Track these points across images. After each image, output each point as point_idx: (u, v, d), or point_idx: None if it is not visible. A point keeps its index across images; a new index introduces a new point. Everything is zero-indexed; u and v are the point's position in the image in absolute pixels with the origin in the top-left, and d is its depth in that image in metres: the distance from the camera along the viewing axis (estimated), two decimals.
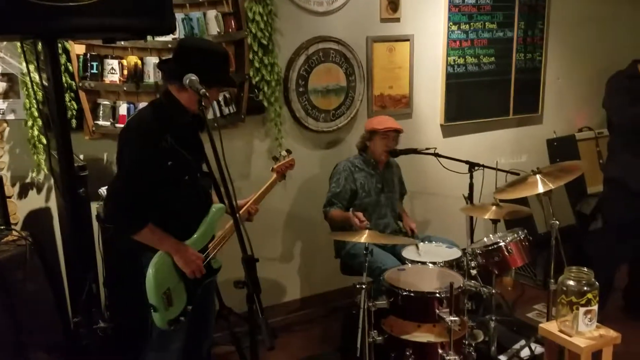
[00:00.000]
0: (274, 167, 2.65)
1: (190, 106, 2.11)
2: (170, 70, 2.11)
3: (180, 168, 2.12)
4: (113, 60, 2.78)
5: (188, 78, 1.89)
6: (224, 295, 3.10)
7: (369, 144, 3.20)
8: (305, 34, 3.40)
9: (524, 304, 3.65)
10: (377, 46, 3.68)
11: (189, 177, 2.17)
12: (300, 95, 3.43)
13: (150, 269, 2.08)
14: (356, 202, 3.16)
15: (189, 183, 2.17)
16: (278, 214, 3.58)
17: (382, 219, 3.20)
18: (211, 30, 3.03)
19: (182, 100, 2.10)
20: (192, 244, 2.21)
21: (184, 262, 2.15)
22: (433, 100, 3.99)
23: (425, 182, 3.98)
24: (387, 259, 2.93)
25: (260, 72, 3.17)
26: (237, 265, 2.30)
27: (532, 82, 4.36)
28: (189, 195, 2.20)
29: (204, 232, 2.26)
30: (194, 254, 2.18)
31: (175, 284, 2.15)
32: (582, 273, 2.21)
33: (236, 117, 3.18)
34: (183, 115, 2.13)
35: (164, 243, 2.12)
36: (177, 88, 2.08)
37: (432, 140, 3.94)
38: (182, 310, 2.17)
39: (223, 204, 2.29)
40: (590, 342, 2.18)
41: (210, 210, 2.30)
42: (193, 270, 2.17)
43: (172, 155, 2.06)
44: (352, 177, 3.16)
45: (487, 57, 4.09)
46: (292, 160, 2.72)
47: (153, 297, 2.08)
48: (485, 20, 4.02)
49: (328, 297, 3.77)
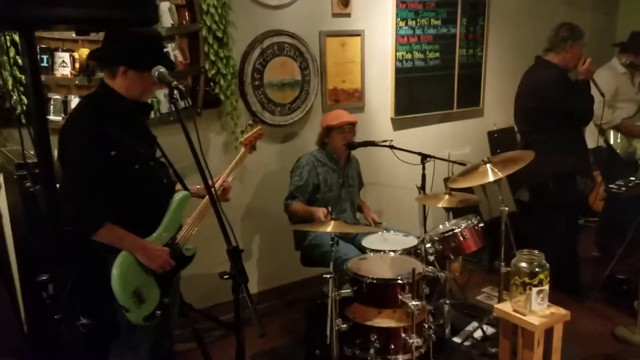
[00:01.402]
0: (242, 140, 2.61)
1: (129, 93, 2.06)
2: (101, 59, 2.07)
3: (126, 157, 2.04)
4: (64, 53, 2.66)
5: (157, 71, 1.86)
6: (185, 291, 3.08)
7: (327, 140, 3.25)
8: (260, 28, 3.39)
9: (473, 288, 3.84)
10: (330, 40, 3.73)
11: (139, 166, 2.09)
12: (256, 89, 3.43)
13: (115, 271, 2.02)
14: (318, 196, 3.20)
15: (141, 173, 2.10)
16: (235, 207, 3.56)
17: (343, 213, 3.26)
18: (165, 22, 2.96)
19: (117, 88, 2.04)
20: (157, 238, 2.16)
21: (149, 259, 2.10)
22: (384, 94, 4.10)
23: (379, 174, 4.09)
24: (348, 249, 3.00)
25: (216, 65, 3.14)
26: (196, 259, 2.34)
27: (474, 76, 4.57)
28: (144, 186, 2.13)
29: (168, 223, 2.20)
30: (157, 249, 2.13)
31: (143, 281, 2.10)
32: (533, 255, 2.36)
33: (192, 110, 3.12)
34: (120, 103, 2.06)
35: (125, 241, 2.06)
36: (109, 76, 2.04)
37: (383, 133, 4.05)
38: (158, 304, 2.14)
39: (188, 192, 2.27)
40: (543, 320, 2.34)
41: (173, 200, 2.23)
42: (160, 265, 2.13)
43: (114, 145, 1.99)
44: (315, 171, 3.20)
45: (432, 52, 4.25)
46: (260, 129, 2.67)
47: (122, 299, 2.02)
48: (430, 17, 4.17)
49: (286, 289, 3.80)
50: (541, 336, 2.35)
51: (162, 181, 2.22)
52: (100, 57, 2.13)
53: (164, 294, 2.17)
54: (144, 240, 2.12)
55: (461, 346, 3.06)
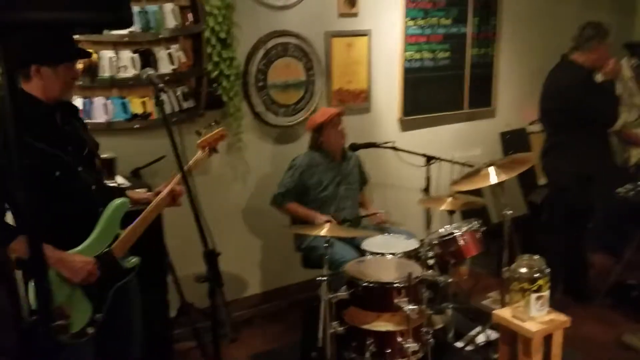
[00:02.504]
0: (199, 143, 2.29)
1: (47, 94, 1.90)
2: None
3: (42, 165, 1.86)
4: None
5: (145, 73, 1.84)
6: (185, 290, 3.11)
7: (323, 139, 3.22)
8: (264, 29, 3.39)
9: (480, 292, 3.77)
10: (336, 41, 3.70)
11: (61, 173, 1.90)
12: (260, 90, 3.43)
13: (32, 287, 1.81)
14: (310, 197, 3.19)
15: (63, 180, 1.90)
16: (238, 208, 3.57)
17: (342, 211, 3.24)
18: (168, 23, 2.98)
19: (34, 92, 1.87)
20: (85, 248, 1.95)
21: (70, 272, 1.88)
22: (391, 94, 4.06)
23: (384, 175, 4.06)
24: (347, 252, 2.98)
25: (219, 67, 3.15)
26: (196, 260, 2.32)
27: (485, 76, 4.49)
28: (68, 195, 1.93)
29: (100, 233, 1.98)
30: (80, 261, 1.90)
31: (67, 297, 1.90)
32: (533, 261, 2.31)
33: (195, 111, 3.14)
34: (36, 107, 1.89)
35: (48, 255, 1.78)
36: (24, 80, 1.87)
37: (390, 134, 4.02)
38: (89, 321, 1.94)
39: (126, 199, 2.09)
40: (542, 327, 2.28)
41: (107, 208, 2.01)
42: (82, 278, 1.90)
43: (26, 152, 1.64)
44: (309, 172, 3.18)
45: (442, 52, 4.19)
46: (221, 130, 2.33)
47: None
48: (440, 16, 4.12)
49: (289, 290, 3.80)
50: (539, 343, 2.30)
51: (90, 188, 2.01)
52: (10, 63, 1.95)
53: (97, 309, 1.97)
54: (63, 252, 1.90)
55: (463, 351, 3.01)
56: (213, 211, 2.97)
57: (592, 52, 3.25)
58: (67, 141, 1.94)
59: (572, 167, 3.29)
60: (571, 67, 3.35)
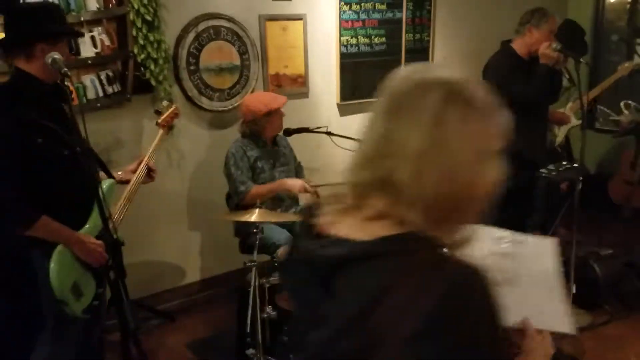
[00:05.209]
0: (159, 122, 2.57)
1: (45, 76, 1.98)
2: (14, 43, 1.97)
3: (54, 144, 1.97)
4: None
5: (51, 57, 1.80)
6: None
7: (267, 125, 3.12)
8: (194, 11, 3.31)
9: None
10: (270, 25, 3.66)
11: (68, 153, 2.02)
12: (192, 74, 3.35)
13: (53, 266, 1.96)
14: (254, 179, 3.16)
15: (70, 161, 2.02)
16: (174, 196, 3.51)
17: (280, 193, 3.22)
18: (90, 6, 2.86)
19: (34, 71, 1.96)
20: (90, 229, 2.10)
21: (85, 253, 2.05)
22: (329, 79, 4.06)
23: (323, 160, 4.06)
24: (282, 235, 2.98)
25: (145, 50, 3.05)
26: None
27: (421, 61, 4.54)
28: (73, 175, 2.06)
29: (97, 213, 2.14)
30: (93, 243, 2.07)
31: (81, 275, 2.07)
32: None
33: (121, 96, 3.04)
34: (39, 88, 1.98)
35: (61, 235, 2.00)
36: (25, 60, 1.95)
37: (330, 119, 4.02)
38: (95, 295, 2.14)
39: (113, 179, 2.29)
40: None
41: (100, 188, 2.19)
42: (96, 259, 2.08)
43: (40, 131, 1.92)
44: (246, 156, 3.14)
45: (378, 37, 4.22)
46: (175, 109, 2.65)
47: (61, 294, 1.97)
48: (375, 1, 4.13)
49: (230, 277, 3.77)
50: None
51: (89, 169, 2.14)
52: (12, 41, 1.98)
53: (99, 284, 2.15)
54: (79, 233, 2.06)
55: None
56: (146, 199, 2.92)
57: (527, 37, 3.33)
58: (67, 123, 2.01)
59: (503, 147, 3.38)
60: (503, 51, 3.45)
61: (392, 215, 0.83)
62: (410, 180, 0.81)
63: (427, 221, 0.81)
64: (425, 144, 0.81)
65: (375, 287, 0.77)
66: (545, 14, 3.32)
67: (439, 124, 0.82)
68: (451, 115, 0.82)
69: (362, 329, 0.77)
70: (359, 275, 0.79)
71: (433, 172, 0.81)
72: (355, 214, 0.87)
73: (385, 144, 0.85)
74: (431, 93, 0.83)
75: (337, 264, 0.81)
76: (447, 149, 0.82)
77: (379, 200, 0.85)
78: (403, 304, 0.74)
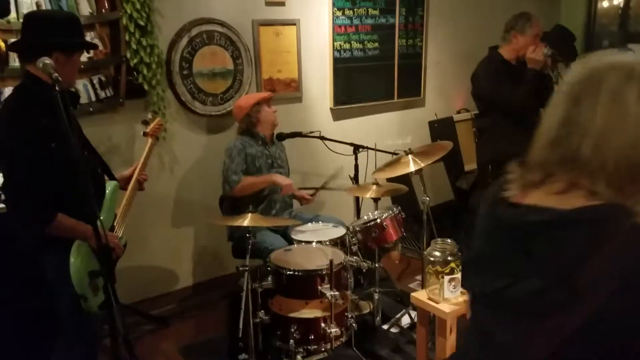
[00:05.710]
0: (147, 132, 2.64)
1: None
2: (22, 50, 2.02)
3: (66, 147, 1.96)
4: None
5: (42, 62, 1.81)
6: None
7: (259, 117, 3.19)
8: (187, 16, 3.32)
9: (408, 276, 3.89)
10: (264, 30, 3.68)
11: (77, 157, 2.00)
12: (185, 78, 3.36)
13: (73, 260, 2.00)
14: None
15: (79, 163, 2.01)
16: (167, 199, 3.51)
17: (274, 194, 3.22)
18: (82, 10, 2.87)
19: (43, 78, 1.99)
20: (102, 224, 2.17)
21: None
22: (322, 84, 4.08)
23: (317, 164, 4.09)
24: (275, 240, 2.99)
25: (138, 54, 3.06)
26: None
27: (414, 66, 4.59)
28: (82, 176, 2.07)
29: (107, 213, 2.25)
30: (109, 235, 2.11)
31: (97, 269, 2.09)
32: (446, 244, 2.40)
33: (114, 100, 3.05)
34: (50, 93, 1.97)
35: (79, 229, 2.03)
36: (35, 66, 1.95)
37: (322, 124, 4.04)
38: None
39: (116, 181, 2.35)
40: (455, 308, 2.37)
41: (106, 189, 2.28)
42: (114, 252, 2.14)
43: (53, 135, 1.95)
44: (245, 152, 3.15)
45: (371, 42, 4.24)
46: (159, 121, 2.74)
47: (81, 288, 2.01)
48: (368, 6, 4.16)
49: (222, 281, 3.78)
50: (453, 323, 2.39)
51: (97, 170, 2.24)
52: (29, 47, 2.02)
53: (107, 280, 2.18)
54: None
55: (388, 333, 3.10)
56: (140, 203, 2.92)
57: (512, 43, 3.37)
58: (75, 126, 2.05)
59: (487, 152, 3.45)
60: (490, 57, 3.48)
61: (581, 188, 0.94)
62: (593, 154, 0.93)
63: (612, 192, 0.91)
64: (606, 120, 0.93)
65: (581, 249, 0.88)
66: (529, 18, 3.35)
67: (617, 101, 0.93)
68: (629, 94, 0.93)
69: (564, 284, 0.88)
70: (563, 238, 0.90)
71: (613, 145, 0.92)
72: (542, 188, 1.00)
73: (569, 125, 0.97)
74: (607, 76, 0.95)
75: (539, 229, 0.93)
76: (626, 123, 0.92)
77: (563, 175, 0.96)
78: (606, 264, 0.86)
